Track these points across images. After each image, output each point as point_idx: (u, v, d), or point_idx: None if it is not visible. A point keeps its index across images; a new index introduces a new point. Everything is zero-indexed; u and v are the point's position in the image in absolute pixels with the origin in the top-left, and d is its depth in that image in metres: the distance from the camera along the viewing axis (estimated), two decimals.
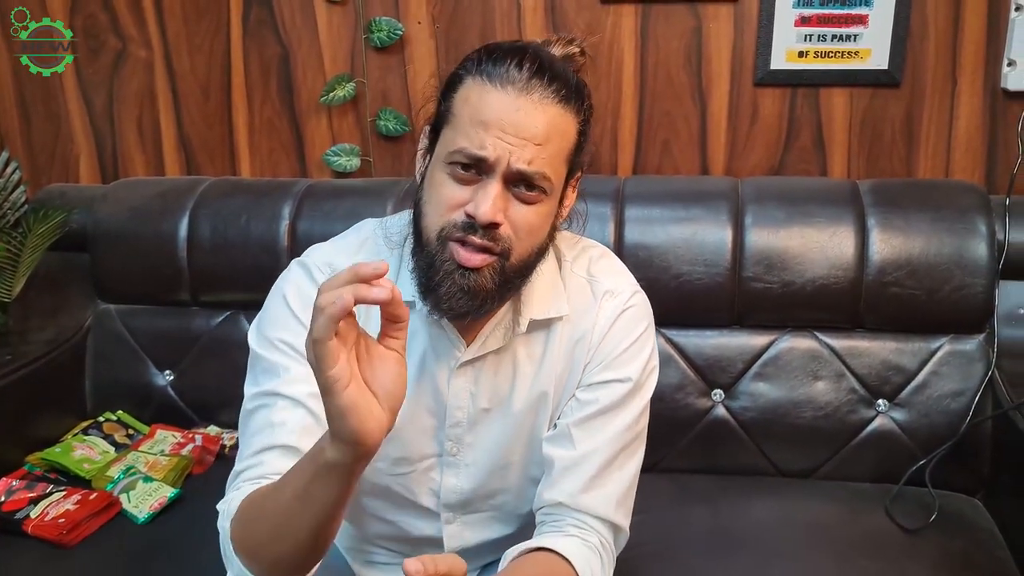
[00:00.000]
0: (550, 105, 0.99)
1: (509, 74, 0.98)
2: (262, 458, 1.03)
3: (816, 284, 1.65)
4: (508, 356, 1.12)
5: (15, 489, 1.59)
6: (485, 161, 0.97)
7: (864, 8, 1.78)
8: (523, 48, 1.01)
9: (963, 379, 1.64)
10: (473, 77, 1.00)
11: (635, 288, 1.16)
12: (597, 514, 1.09)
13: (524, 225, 1.00)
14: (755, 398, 1.68)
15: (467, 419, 1.13)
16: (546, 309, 1.11)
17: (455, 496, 1.17)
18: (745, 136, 1.90)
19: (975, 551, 1.47)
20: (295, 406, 1.04)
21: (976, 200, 1.67)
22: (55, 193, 2.01)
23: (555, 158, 1.00)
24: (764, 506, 1.59)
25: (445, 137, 1.01)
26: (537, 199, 1.00)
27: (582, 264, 1.15)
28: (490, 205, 0.97)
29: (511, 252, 1.01)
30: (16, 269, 1.87)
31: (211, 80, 2.04)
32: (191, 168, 2.11)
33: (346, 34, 1.96)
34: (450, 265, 1.00)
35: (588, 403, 1.11)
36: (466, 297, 1.00)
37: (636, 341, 1.12)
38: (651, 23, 1.86)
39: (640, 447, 1.15)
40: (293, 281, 1.11)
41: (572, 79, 1.02)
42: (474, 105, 0.99)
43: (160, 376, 1.89)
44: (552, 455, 1.11)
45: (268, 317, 1.11)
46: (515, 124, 0.97)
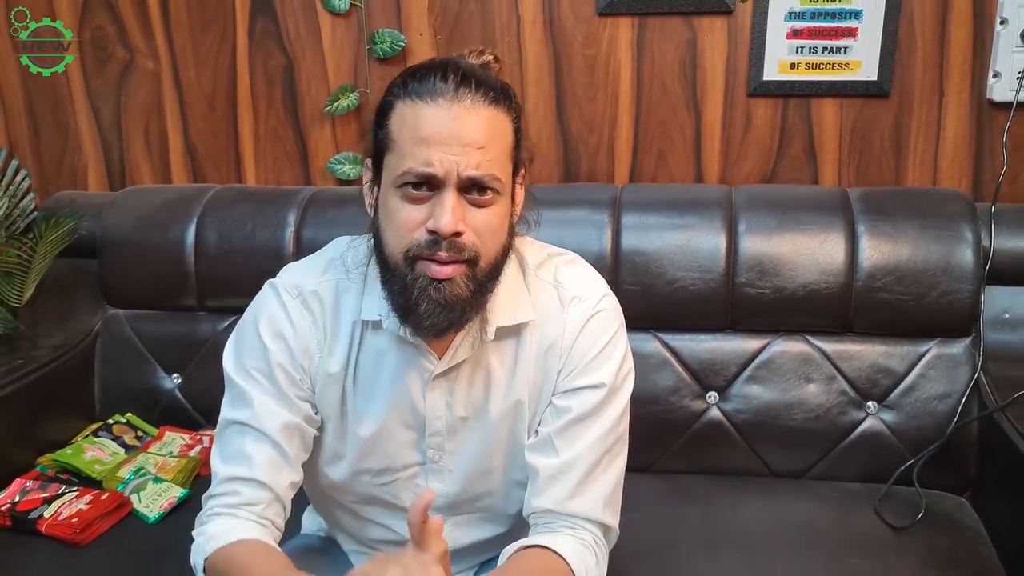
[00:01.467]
0: (483, 108, 1.01)
1: (436, 87, 1.00)
2: (235, 487, 1.10)
3: (807, 289, 1.69)
4: (481, 365, 1.14)
5: (29, 489, 1.63)
6: (435, 177, 0.99)
7: (854, 21, 1.82)
8: (443, 62, 1.04)
9: (950, 382, 1.67)
10: (403, 100, 1.02)
11: (603, 292, 1.17)
12: (586, 516, 1.12)
13: (485, 228, 1.03)
14: (748, 400, 1.72)
15: (446, 428, 1.16)
16: (512, 315, 1.12)
17: (442, 500, 1.19)
18: (738, 145, 1.94)
19: (961, 548, 1.50)
20: (263, 440, 1.10)
21: (962, 208, 1.71)
22: (64, 201, 2.04)
23: (499, 158, 1.03)
24: (756, 506, 1.62)
25: (389, 163, 1.03)
26: (491, 201, 1.03)
27: (548, 271, 1.17)
28: (450, 216, 0.99)
29: (479, 257, 1.03)
30: (27, 275, 1.90)
31: (217, 90, 2.08)
32: (197, 176, 2.14)
33: (349, 46, 2.00)
34: (423, 282, 1.02)
35: (566, 410, 1.13)
36: (445, 310, 1.02)
37: (607, 346, 1.14)
38: (647, 35, 1.90)
39: (623, 448, 1.17)
40: (264, 305, 1.15)
41: (496, 82, 1.05)
42: (411, 125, 1.01)
43: (168, 379, 1.93)
44: (536, 464, 1.13)
45: (241, 341, 1.16)
46: (455, 133, 0.99)
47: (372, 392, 1.15)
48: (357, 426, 1.16)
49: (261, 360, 1.12)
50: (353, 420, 1.16)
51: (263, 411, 1.11)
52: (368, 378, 1.15)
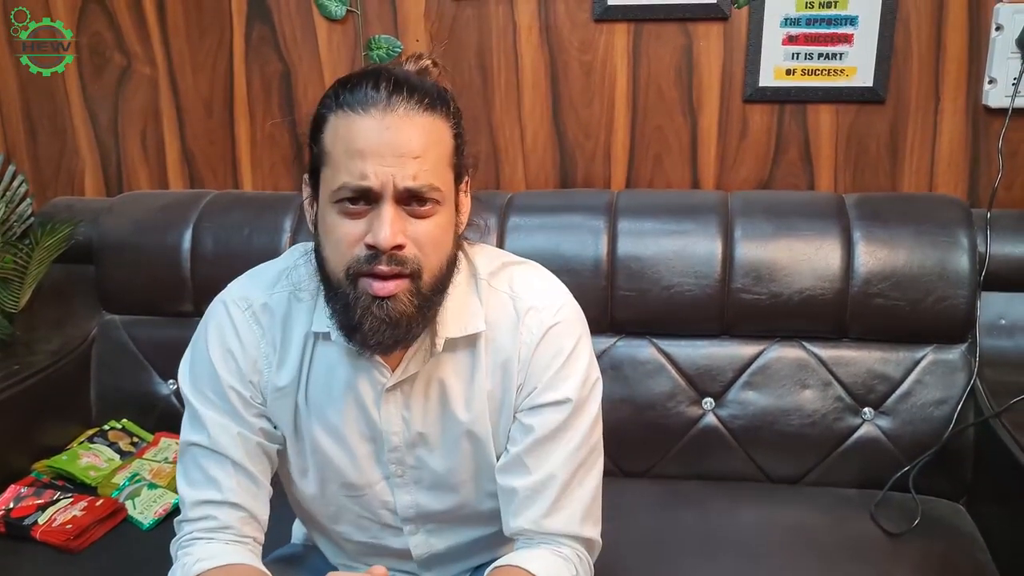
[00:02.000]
0: (417, 115, 0.98)
1: (368, 97, 0.97)
2: (208, 511, 1.09)
3: (803, 295, 1.69)
4: (435, 378, 1.11)
5: (23, 496, 1.63)
6: (371, 190, 0.96)
7: (849, 27, 1.83)
8: (375, 71, 1.00)
9: (946, 388, 1.67)
10: (335, 112, 0.99)
11: (562, 302, 1.12)
12: (565, 532, 1.10)
13: (427, 240, 0.99)
14: (744, 406, 1.72)
15: (404, 444, 1.13)
16: (462, 327, 1.09)
17: (412, 511, 1.18)
18: (735, 151, 1.94)
19: (957, 554, 1.51)
20: (225, 462, 1.10)
21: (958, 213, 1.71)
22: (61, 206, 2.05)
23: (438, 166, 0.99)
24: (752, 511, 1.62)
25: (325, 178, 1.00)
26: (432, 211, 0.99)
27: (503, 280, 1.12)
28: (388, 230, 0.96)
29: (422, 270, 1.00)
30: (23, 281, 1.91)
31: (214, 96, 2.08)
32: (194, 182, 2.14)
33: (346, 51, 2.00)
34: (366, 300, 0.99)
35: (532, 428, 1.09)
36: (390, 328, 1.00)
37: (568, 358, 1.09)
38: (643, 41, 1.91)
39: (598, 459, 1.14)
40: (213, 322, 1.13)
41: (432, 87, 1.02)
42: (344, 138, 0.97)
43: (164, 385, 1.93)
44: (510, 485, 1.10)
45: (193, 360, 1.14)
46: (389, 143, 0.96)
47: (326, 405, 1.12)
48: (315, 441, 1.14)
49: (213, 379, 1.11)
50: (308, 434, 1.14)
51: (220, 432, 1.10)
52: (320, 391, 1.12)
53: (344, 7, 1.95)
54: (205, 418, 1.11)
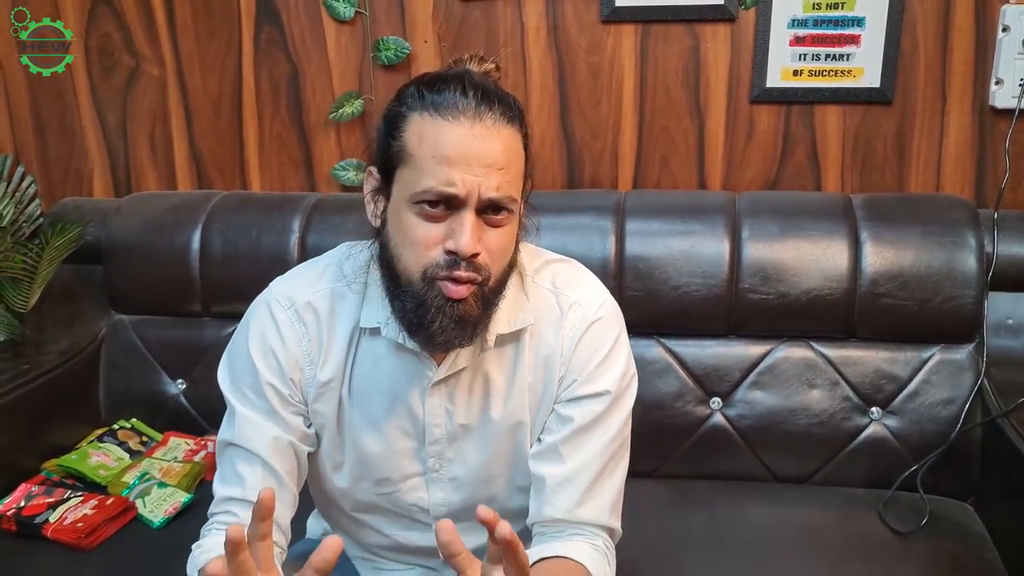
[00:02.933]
0: (502, 127, 1.00)
1: (457, 103, 0.98)
2: (230, 507, 1.11)
3: (811, 295, 1.69)
4: (480, 372, 1.13)
5: (34, 495, 1.63)
6: (456, 197, 0.97)
7: (856, 28, 1.83)
8: (460, 75, 1.01)
9: (953, 387, 1.68)
10: (419, 113, 1.00)
11: (603, 298, 1.15)
12: (595, 523, 1.12)
13: (498, 248, 1.02)
14: (752, 406, 1.73)
15: (445, 436, 1.15)
16: (511, 322, 1.11)
17: (444, 509, 1.19)
18: (742, 152, 1.95)
19: (964, 553, 1.51)
20: (254, 461, 1.11)
21: (965, 214, 1.72)
22: (70, 207, 2.06)
23: (516, 178, 1.02)
24: (760, 511, 1.63)
25: (404, 177, 1.01)
26: (505, 221, 1.02)
27: (546, 277, 1.15)
28: (470, 238, 0.98)
29: (490, 276, 1.02)
30: (32, 281, 1.92)
31: (222, 97, 2.09)
32: (202, 182, 2.15)
33: (354, 53, 2.01)
34: (440, 300, 1.00)
35: (570, 419, 1.12)
36: (458, 327, 1.02)
37: (609, 352, 1.12)
38: (650, 42, 1.91)
39: (626, 452, 1.16)
40: (255, 321, 1.14)
41: (512, 99, 1.04)
42: (431, 142, 0.98)
43: (172, 385, 1.94)
44: (542, 472, 1.12)
45: (232, 358, 1.16)
46: (477, 154, 0.97)
47: (370, 400, 1.14)
48: (355, 435, 1.15)
49: (252, 378, 1.12)
50: (350, 429, 1.16)
51: (253, 431, 1.11)
52: (365, 386, 1.14)
53: (352, 8, 1.96)
54: (240, 416, 1.12)
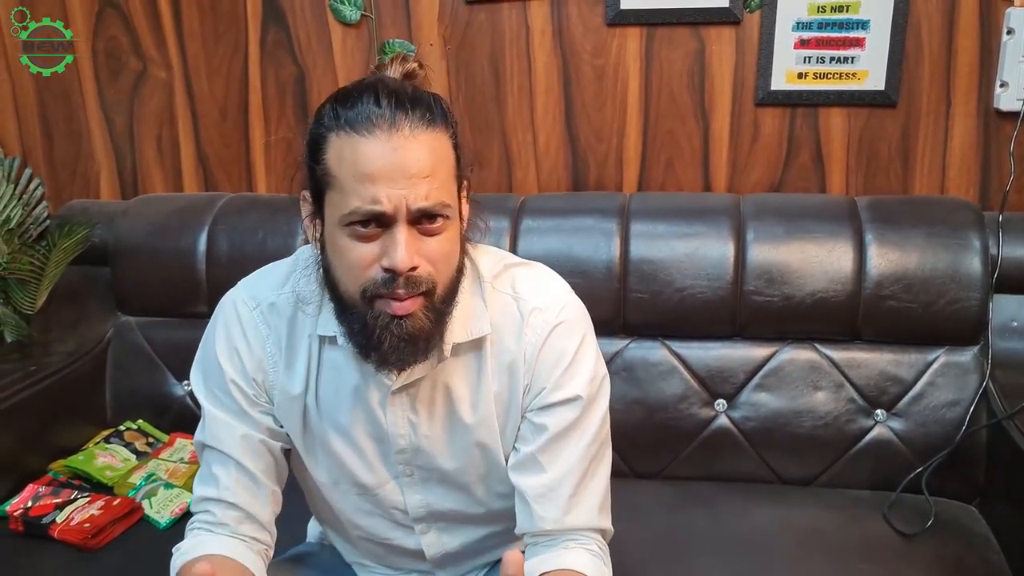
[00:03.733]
0: (422, 133, 0.96)
1: (371, 116, 0.94)
2: (207, 507, 1.12)
3: (815, 297, 1.69)
4: (441, 383, 1.11)
5: (41, 495, 1.64)
6: (384, 214, 0.94)
7: (861, 31, 1.84)
8: (372, 85, 0.97)
9: (958, 390, 1.68)
10: (336, 133, 0.96)
11: (565, 301, 1.12)
12: (585, 526, 1.10)
13: (439, 256, 0.99)
14: (757, 408, 1.73)
15: (410, 447, 1.13)
16: (467, 331, 1.09)
17: (423, 510, 1.18)
18: (746, 154, 1.95)
19: (969, 555, 1.51)
20: (227, 461, 1.11)
21: (970, 216, 1.72)
22: (77, 209, 2.07)
23: (446, 182, 0.99)
24: (764, 512, 1.63)
25: (332, 201, 0.98)
26: (443, 228, 0.99)
27: (506, 282, 1.12)
28: (404, 253, 0.95)
29: (436, 286, 1.00)
30: (40, 282, 1.92)
31: (229, 100, 2.10)
32: (208, 185, 2.16)
33: (360, 56, 2.02)
34: (384, 319, 0.98)
35: (545, 428, 1.09)
36: (409, 344, 0.99)
37: (575, 357, 1.09)
38: (655, 45, 1.92)
39: (607, 450, 1.14)
40: (222, 320, 1.14)
41: (428, 98, 1.00)
42: (350, 161, 0.95)
43: (178, 386, 1.94)
44: (524, 484, 1.10)
45: (201, 359, 1.16)
46: (399, 165, 0.94)
47: (336, 407, 1.13)
48: (324, 440, 1.15)
49: (219, 378, 1.12)
50: (319, 435, 1.15)
51: (222, 431, 1.12)
52: (329, 394, 1.13)
53: (358, 11, 1.97)
54: (210, 416, 1.12)
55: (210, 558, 1.06)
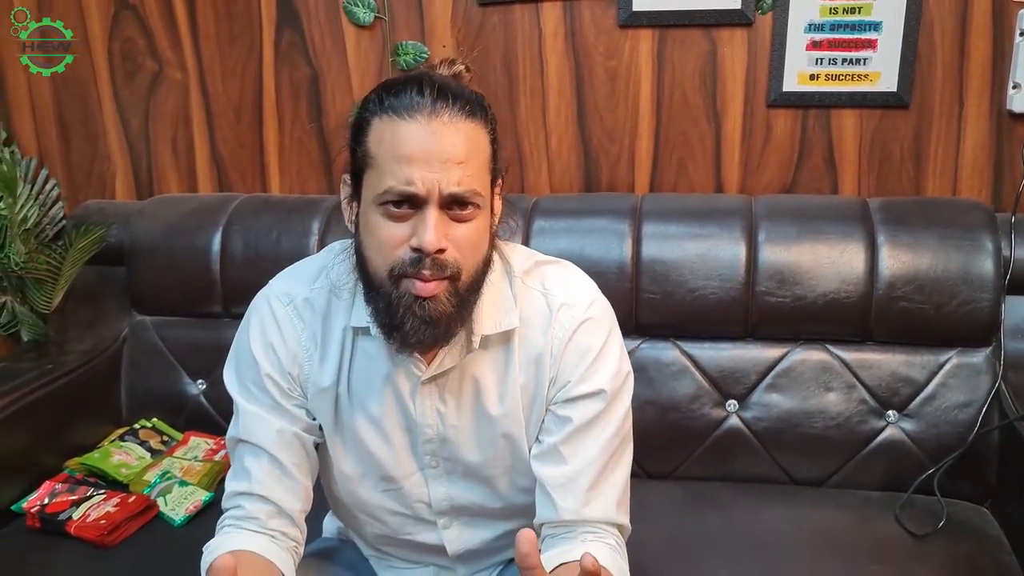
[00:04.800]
0: (461, 122, 1.00)
1: (413, 103, 0.99)
2: (239, 502, 1.13)
3: (827, 298, 1.70)
4: (469, 374, 1.14)
5: (58, 492, 1.66)
6: (416, 195, 0.98)
7: (873, 33, 1.84)
8: (418, 76, 1.03)
9: (970, 391, 1.68)
10: (379, 116, 1.01)
11: (592, 298, 1.15)
12: (602, 519, 1.11)
13: (467, 243, 1.02)
14: (768, 408, 1.73)
15: (437, 436, 1.16)
16: (496, 324, 1.12)
17: (446, 504, 1.20)
18: (758, 155, 1.95)
19: (981, 556, 1.51)
20: (260, 454, 1.13)
21: (983, 218, 1.72)
22: (93, 209, 2.08)
23: (479, 172, 1.02)
24: (776, 513, 1.63)
25: (369, 180, 1.02)
26: (472, 215, 1.02)
27: (536, 279, 1.15)
28: (433, 234, 0.98)
29: (461, 272, 1.03)
30: (56, 282, 1.94)
31: (243, 101, 2.11)
32: (223, 185, 2.18)
33: (374, 57, 2.03)
34: (408, 299, 1.01)
35: (569, 419, 1.12)
36: (430, 327, 1.02)
37: (601, 351, 1.12)
38: (667, 47, 1.93)
39: (629, 446, 1.16)
40: (256, 317, 1.16)
41: (471, 94, 1.04)
42: (389, 143, 0.99)
43: (193, 385, 1.96)
44: (545, 474, 1.12)
45: (236, 355, 1.18)
46: (435, 150, 0.98)
47: (367, 397, 1.15)
48: (354, 431, 1.17)
49: (254, 372, 1.14)
50: (349, 426, 1.17)
51: (258, 424, 1.13)
52: (361, 384, 1.15)
53: (372, 13, 1.98)
54: (245, 411, 1.14)
55: (236, 553, 1.06)
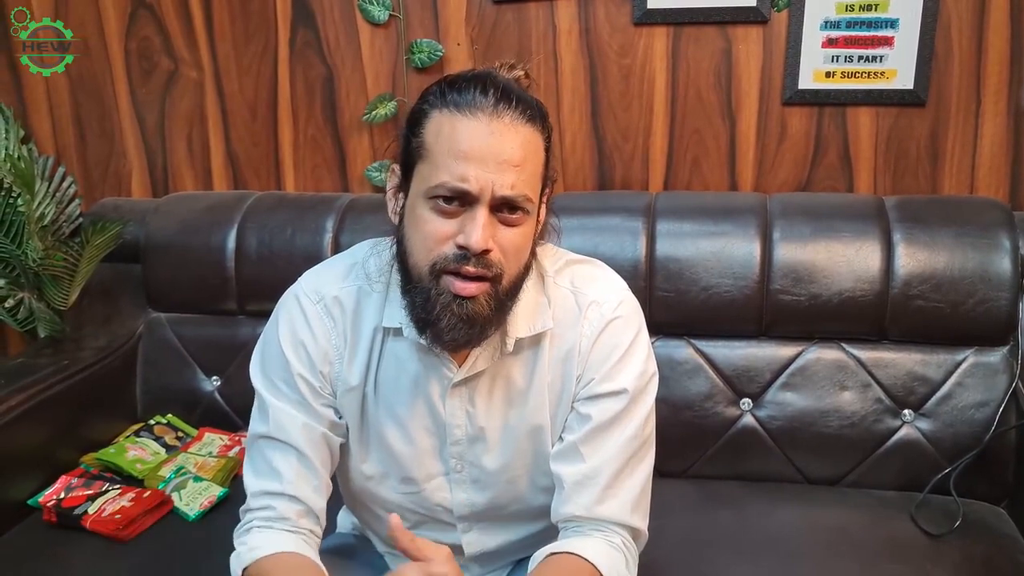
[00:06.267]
0: (520, 126, 1.00)
1: (476, 101, 0.99)
2: (268, 502, 1.12)
3: (842, 297, 1.69)
4: (500, 375, 1.14)
5: (74, 487, 1.67)
6: (469, 193, 0.98)
7: (890, 30, 1.83)
8: (483, 75, 1.03)
9: (987, 390, 1.66)
10: (439, 110, 1.01)
11: (622, 297, 1.15)
12: (615, 520, 1.11)
13: (511, 247, 1.02)
14: (782, 407, 1.72)
15: (466, 437, 1.16)
16: (531, 326, 1.12)
17: (467, 509, 1.20)
18: (773, 153, 1.95)
19: (998, 556, 1.49)
20: (289, 452, 1.12)
21: (1000, 216, 1.70)
22: (109, 206, 2.09)
23: (532, 177, 1.02)
24: (790, 512, 1.62)
25: (421, 173, 1.02)
26: (520, 220, 1.02)
27: (566, 277, 1.15)
28: (481, 234, 0.98)
29: (503, 275, 1.02)
30: (72, 279, 1.95)
31: (258, 100, 2.12)
32: (238, 183, 2.19)
33: (388, 55, 2.03)
34: (446, 297, 1.01)
35: (589, 417, 1.12)
36: (466, 326, 1.02)
37: (627, 351, 1.12)
38: (682, 44, 1.92)
39: (649, 451, 1.16)
40: (285, 314, 1.16)
41: (533, 100, 1.04)
42: (447, 137, 0.99)
43: (207, 382, 1.97)
44: (562, 472, 1.12)
45: (264, 352, 1.17)
46: (492, 150, 0.98)
47: (393, 398, 1.15)
48: (379, 431, 1.17)
49: (283, 370, 1.14)
50: (374, 426, 1.17)
51: (287, 421, 1.13)
52: (389, 384, 1.15)
53: (386, 11, 1.99)
54: (273, 408, 1.13)
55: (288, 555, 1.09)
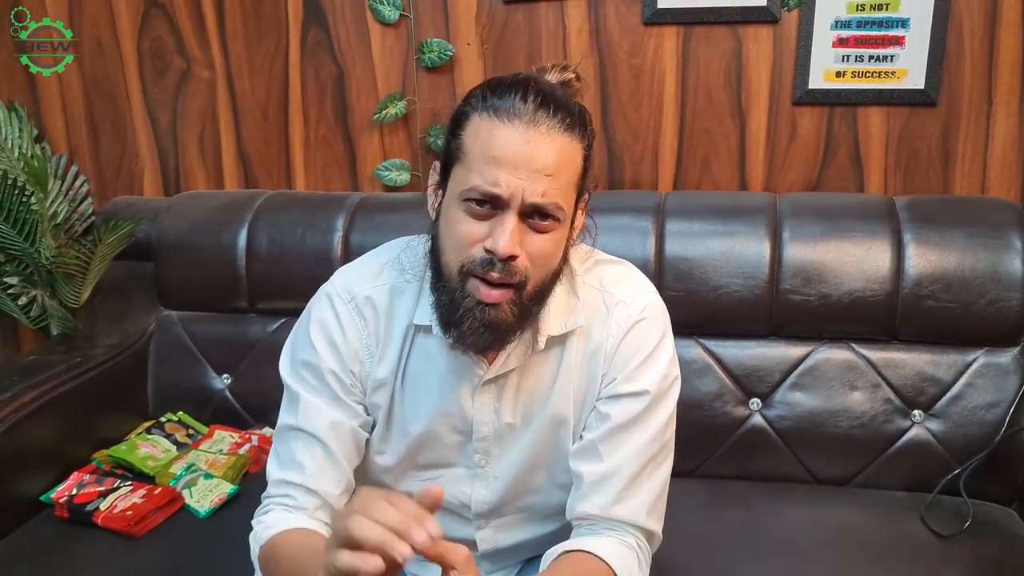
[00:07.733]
0: (557, 135, 1.00)
1: (515, 107, 1.00)
2: (288, 491, 1.13)
3: (852, 297, 1.68)
4: (529, 372, 1.15)
5: (86, 483, 1.68)
6: (499, 198, 0.99)
7: (901, 30, 1.82)
8: (526, 80, 1.03)
9: (998, 391, 1.66)
10: (480, 113, 1.02)
11: (648, 298, 1.16)
12: (630, 521, 1.12)
13: (539, 254, 1.03)
14: (792, 407, 1.72)
15: (493, 433, 1.17)
16: (562, 324, 1.13)
17: (486, 505, 1.21)
18: (783, 153, 1.95)
19: (1008, 557, 1.49)
20: (314, 444, 1.13)
21: (1011, 216, 1.70)
22: (122, 205, 2.11)
23: (566, 187, 1.02)
24: (799, 512, 1.62)
25: (457, 174, 1.03)
26: (551, 228, 1.02)
27: (594, 276, 1.16)
28: (508, 240, 0.99)
29: (527, 282, 1.03)
30: (85, 277, 1.96)
31: (270, 99, 2.13)
32: (249, 182, 2.20)
33: (398, 55, 2.04)
34: (470, 301, 1.02)
35: (608, 417, 1.12)
36: (487, 331, 1.03)
37: (651, 353, 1.13)
38: (692, 44, 1.92)
39: (668, 455, 1.16)
40: (317, 313, 1.17)
41: (575, 107, 1.04)
42: (484, 142, 1.00)
43: (218, 379, 1.98)
44: (581, 470, 1.13)
45: (295, 348, 1.19)
46: (526, 157, 0.99)
47: (421, 394, 1.16)
48: (405, 425, 1.18)
49: (314, 366, 1.15)
50: (400, 420, 1.18)
51: (314, 413, 1.14)
52: (417, 381, 1.16)
53: (397, 11, 1.99)
54: (302, 400, 1.15)
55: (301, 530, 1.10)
